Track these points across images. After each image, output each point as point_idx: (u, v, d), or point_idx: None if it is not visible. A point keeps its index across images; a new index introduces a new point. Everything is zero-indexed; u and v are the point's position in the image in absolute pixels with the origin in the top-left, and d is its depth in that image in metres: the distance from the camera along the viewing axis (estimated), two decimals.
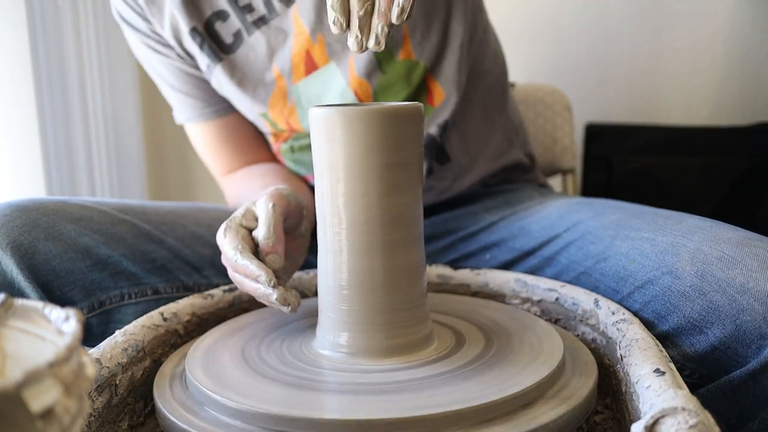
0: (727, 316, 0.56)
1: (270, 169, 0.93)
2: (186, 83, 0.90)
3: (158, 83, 0.94)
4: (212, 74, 0.87)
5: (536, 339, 0.58)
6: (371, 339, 0.54)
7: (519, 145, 0.96)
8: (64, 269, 0.69)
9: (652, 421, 0.39)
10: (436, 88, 0.86)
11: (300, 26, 0.82)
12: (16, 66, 1.27)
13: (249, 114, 0.90)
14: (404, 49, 0.83)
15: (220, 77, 0.86)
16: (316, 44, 0.82)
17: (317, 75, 0.84)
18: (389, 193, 0.54)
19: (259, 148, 0.96)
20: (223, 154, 0.95)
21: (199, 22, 0.84)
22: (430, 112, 0.86)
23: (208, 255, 0.80)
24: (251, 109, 0.88)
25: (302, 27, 0.82)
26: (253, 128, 0.95)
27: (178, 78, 0.90)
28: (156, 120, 1.65)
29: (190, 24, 0.84)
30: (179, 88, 0.91)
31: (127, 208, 0.79)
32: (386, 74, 0.83)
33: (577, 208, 0.79)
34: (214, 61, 0.85)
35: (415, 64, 0.84)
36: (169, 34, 0.85)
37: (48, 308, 0.33)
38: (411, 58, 0.83)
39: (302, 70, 0.84)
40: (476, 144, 0.91)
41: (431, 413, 0.45)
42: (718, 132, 1.33)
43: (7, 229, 0.67)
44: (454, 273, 0.76)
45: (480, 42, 0.91)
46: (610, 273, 0.67)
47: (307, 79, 0.84)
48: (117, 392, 0.55)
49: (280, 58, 0.84)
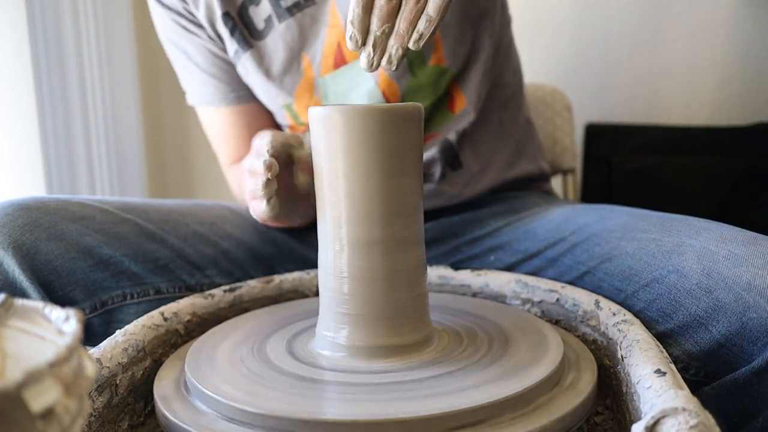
0: (734, 314, 0.56)
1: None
2: (213, 65, 0.90)
3: (182, 64, 0.93)
4: (239, 61, 0.87)
5: (536, 340, 0.58)
6: (371, 339, 0.54)
7: (531, 158, 0.97)
8: (66, 269, 0.69)
9: (653, 421, 0.39)
10: (458, 96, 0.87)
11: (336, 18, 0.82)
12: (16, 66, 1.27)
13: (272, 104, 0.90)
14: (436, 55, 0.84)
15: (247, 64, 0.86)
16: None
17: (346, 70, 0.84)
18: (389, 192, 0.54)
19: None
20: (236, 141, 0.94)
21: (232, 8, 0.85)
22: (450, 119, 0.88)
23: (211, 254, 0.80)
24: (275, 100, 0.88)
25: (338, 19, 0.82)
26: (270, 120, 0.95)
27: (206, 58, 0.90)
28: (156, 120, 1.65)
29: (224, 8, 0.84)
30: (205, 68, 0.90)
31: (129, 207, 0.79)
32: (416, 78, 0.84)
33: (582, 212, 0.79)
34: (243, 48, 0.85)
35: (445, 70, 0.85)
36: (203, 14, 0.86)
37: (48, 308, 0.33)
38: (442, 64, 0.84)
39: (331, 63, 0.84)
40: (489, 154, 0.91)
41: (431, 413, 0.45)
42: (718, 132, 1.33)
43: (8, 229, 0.67)
44: (454, 274, 0.76)
45: (504, 55, 0.93)
46: (615, 272, 0.67)
47: (335, 73, 0.84)
48: (117, 392, 0.55)
49: (311, 48, 0.84)
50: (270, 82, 0.86)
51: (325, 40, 0.83)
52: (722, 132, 1.33)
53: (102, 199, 0.79)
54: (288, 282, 0.76)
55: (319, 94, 0.86)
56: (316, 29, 0.83)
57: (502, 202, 0.92)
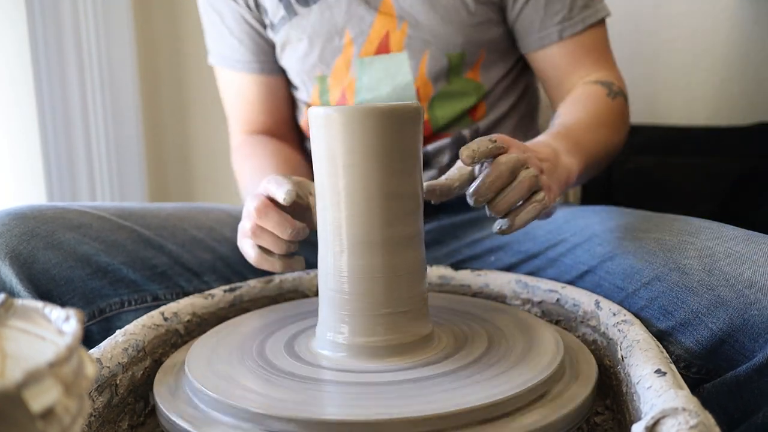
0: (735, 310, 0.56)
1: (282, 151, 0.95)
2: (243, 31, 0.94)
3: (213, 23, 0.97)
4: (282, 28, 0.90)
5: (536, 340, 0.58)
6: (371, 339, 0.54)
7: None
8: (63, 278, 0.69)
9: (653, 421, 0.39)
10: (482, 108, 0.91)
11: (389, 6, 0.86)
12: (16, 66, 1.27)
13: (305, 75, 0.92)
14: (473, 71, 0.89)
15: (290, 32, 0.89)
16: (398, 31, 0.86)
17: (386, 59, 0.87)
18: (389, 193, 0.54)
19: (284, 117, 0.99)
20: (251, 109, 0.98)
21: None
22: (469, 123, 0.91)
23: (209, 260, 0.80)
24: (312, 70, 0.91)
25: (391, 8, 0.86)
26: (288, 97, 0.99)
27: (239, 24, 0.94)
28: (156, 120, 1.65)
29: None
30: (236, 33, 0.94)
31: (126, 213, 0.78)
32: (450, 84, 0.88)
33: (582, 214, 0.80)
34: (289, 14, 0.89)
35: (478, 86, 0.89)
36: None
37: (48, 308, 0.33)
38: (477, 80, 0.89)
39: (374, 47, 0.87)
40: None
41: (431, 413, 0.45)
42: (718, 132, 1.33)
43: (5, 239, 0.67)
44: (454, 274, 0.76)
45: (531, 75, 0.97)
46: (617, 271, 0.67)
47: (374, 57, 0.88)
48: (117, 392, 0.55)
49: (357, 27, 0.87)
50: (311, 50, 0.89)
51: (373, 24, 0.86)
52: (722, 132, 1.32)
53: (99, 206, 0.78)
54: (288, 282, 0.76)
55: (354, 74, 0.89)
56: (364, 10, 0.86)
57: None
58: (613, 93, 0.87)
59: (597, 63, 0.89)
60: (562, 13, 0.87)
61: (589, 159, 0.76)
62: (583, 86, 0.87)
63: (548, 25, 0.87)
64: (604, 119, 0.83)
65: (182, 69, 1.61)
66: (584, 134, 0.77)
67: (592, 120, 0.81)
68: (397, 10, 0.86)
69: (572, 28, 0.87)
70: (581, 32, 0.87)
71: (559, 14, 0.87)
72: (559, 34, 0.87)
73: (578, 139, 0.75)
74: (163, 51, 1.65)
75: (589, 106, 0.84)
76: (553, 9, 0.86)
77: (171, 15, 1.59)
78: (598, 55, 0.89)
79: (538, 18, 0.87)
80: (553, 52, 0.88)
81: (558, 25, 0.87)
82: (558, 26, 0.87)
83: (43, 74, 1.30)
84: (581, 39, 0.88)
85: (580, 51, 0.88)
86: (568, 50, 0.88)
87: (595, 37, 0.89)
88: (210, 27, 0.98)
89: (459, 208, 0.91)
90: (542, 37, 0.88)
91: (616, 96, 0.86)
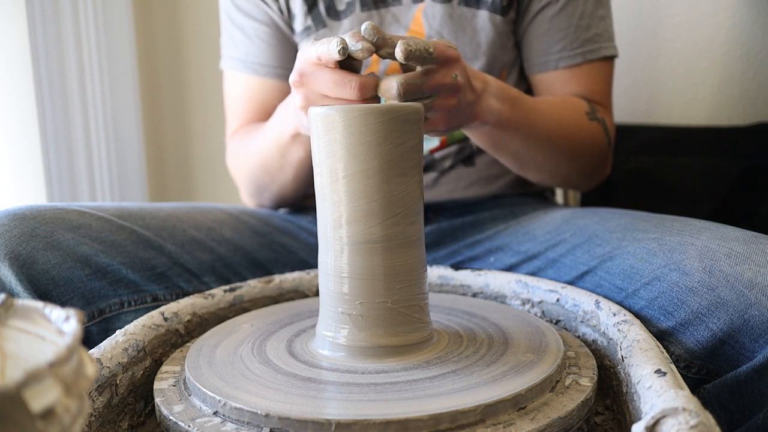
0: (736, 311, 0.56)
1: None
2: (272, 36, 0.92)
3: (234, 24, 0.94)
4: (307, 38, 0.88)
5: (536, 340, 0.58)
6: (371, 339, 0.54)
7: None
8: (63, 278, 0.69)
9: (653, 421, 0.39)
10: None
11: (419, 26, 0.86)
12: (16, 66, 1.27)
13: None
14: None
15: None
16: None
17: None
18: (389, 192, 0.54)
19: None
20: (252, 112, 0.96)
21: None
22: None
23: (208, 260, 0.80)
24: None
25: (421, 26, 0.85)
26: None
27: (269, 28, 0.92)
28: (156, 120, 1.65)
29: None
30: (263, 37, 0.92)
31: (125, 214, 0.78)
32: None
33: (582, 215, 0.80)
34: (317, 25, 0.88)
35: None
36: None
37: (48, 308, 0.33)
38: None
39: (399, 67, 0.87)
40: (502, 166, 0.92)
41: (431, 413, 0.45)
42: (718, 132, 1.33)
43: (4, 240, 0.67)
44: (455, 274, 0.76)
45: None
46: (617, 271, 0.67)
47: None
48: (117, 392, 0.55)
49: None
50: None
51: None
52: (722, 132, 1.32)
53: (98, 206, 0.78)
54: (288, 282, 0.76)
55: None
56: (394, 29, 0.86)
57: (502, 206, 0.92)
58: (593, 116, 0.86)
59: (591, 97, 0.89)
60: (563, 42, 0.87)
61: (525, 129, 0.75)
62: (566, 95, 0.87)
63: (550, 52, 0.87)
64: (569, 122, 0.82)
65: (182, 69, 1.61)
66: (531, 107, 0.76)
67: (551, 109, 0.80)
68: (426, 29, 0.86)
69: (570, 59, 0.87)
70: (579, 65, 0.87)
71: (560, 43, 0.87)
72: (556, 63, 0.88)
73: (520, 103, 0.74)
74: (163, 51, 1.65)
75: (558, 105, 0.83)
76: (554, 37, 0.87)
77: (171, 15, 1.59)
78: (594, 90, 0.89)
79: (540, 43, 0.87)
80: (550, 79, 0.89)
81: (557, 54, 0.87)
82: (557, 55, 0.87)
83: (43, 74, 1.30)
84: (578, 71, 0.87)
85: (575, 82, 0.88)
86: (564, 79, 0.88)
87: (596, 73, 0.88)
88: (233, 30, 0.95)
89: (459, 211, 0.91)
90: (540, 63, 0.88)
91: (594, 120, 0.86)
